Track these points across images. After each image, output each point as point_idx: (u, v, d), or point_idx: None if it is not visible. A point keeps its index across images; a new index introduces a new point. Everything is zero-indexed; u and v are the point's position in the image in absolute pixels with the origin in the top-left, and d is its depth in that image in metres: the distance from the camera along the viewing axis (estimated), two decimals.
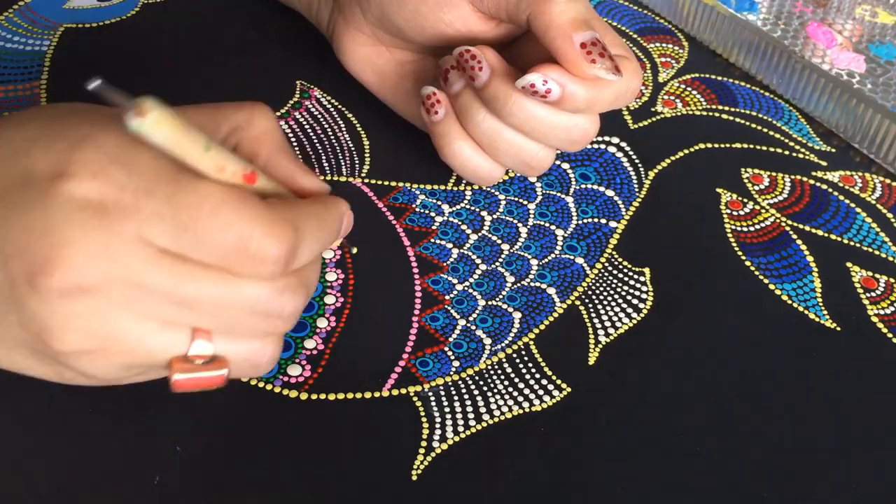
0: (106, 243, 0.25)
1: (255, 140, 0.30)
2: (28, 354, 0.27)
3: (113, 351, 0.26)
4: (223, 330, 0.27)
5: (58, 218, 0.24)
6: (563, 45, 0.33)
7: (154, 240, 0.25)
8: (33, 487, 0.29)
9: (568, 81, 0.34)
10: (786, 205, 0.43)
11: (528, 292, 0.37)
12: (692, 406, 0.34)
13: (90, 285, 0.25)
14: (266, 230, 0.26)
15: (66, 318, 0.25)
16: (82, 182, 0.25)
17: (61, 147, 0.25)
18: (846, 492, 0.32)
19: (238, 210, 0.25)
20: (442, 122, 0.38)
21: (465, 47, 0.36)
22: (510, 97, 0.35)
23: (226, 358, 0.28)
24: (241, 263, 0.26)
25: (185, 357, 0.27)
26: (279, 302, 0.27)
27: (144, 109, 0.23)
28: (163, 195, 0.25)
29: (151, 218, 0.25)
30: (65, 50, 0.45)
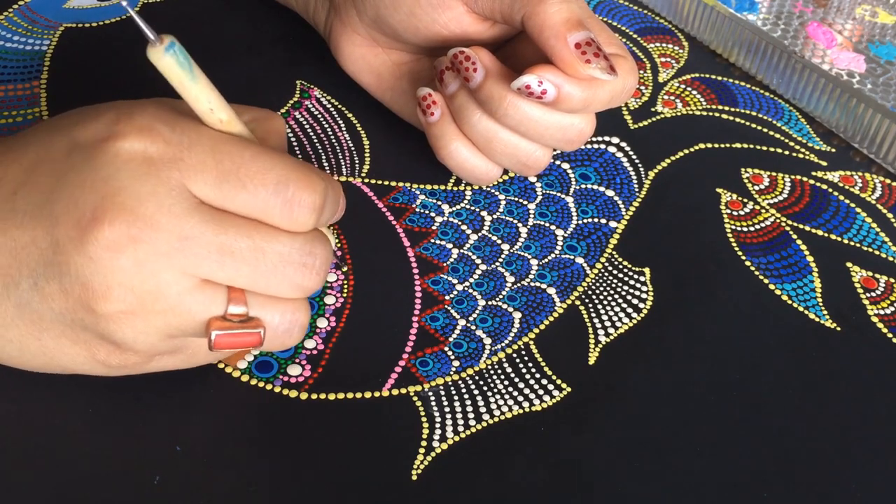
0: (154, 190, 0.26)
1: (267, 132, 0.32)
2: (63, 332, 0.27)
3: (154, 309, 0.27)
4: (260, 284, 0.28)
5: (107, 171, 0.26)
6: (557, 46, 0.34)
7: (197, 190, 0.27)
8: (33, 487, 0.29)
9: (563, 82, 0.34)
10: (786, 205, 0.43)
11: (528, 292, 0.37)
12: (692, 406, 0.34)
13: (138, 233, 0.26)
14: (300, 176, 0.28)
15: (110, 272, 0.26)
16: (128, 138, 0.26)
17: (106, 118, 0.27)
18: (846, 492, 0.32)
19: (274, 158, 0.28)
20: (438, 123, 0.38)
21: (460, 48, 0.36)
22: (505, 98, 0.35)
23: (261, 319, 0.29)
24: (279, 209, 0.27)
25: (223, 316, 0.28)
26: (311, 250, 0.29)
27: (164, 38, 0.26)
28: (205, 146, 0.27)
29: (196, 167, 0.27)
30: (65, 50, 0.45)
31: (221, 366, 0.33)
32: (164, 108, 0.28)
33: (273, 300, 0.29)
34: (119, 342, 0.27)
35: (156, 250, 0.26)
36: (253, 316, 0.28)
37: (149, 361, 0.29)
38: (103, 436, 0.30)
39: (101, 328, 0.27)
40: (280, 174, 0.27)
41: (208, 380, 0.32)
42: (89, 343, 0.28)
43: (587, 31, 0.34)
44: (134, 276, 0.26)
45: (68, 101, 0.42)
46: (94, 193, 0.26)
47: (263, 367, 0.33)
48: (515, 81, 0.34)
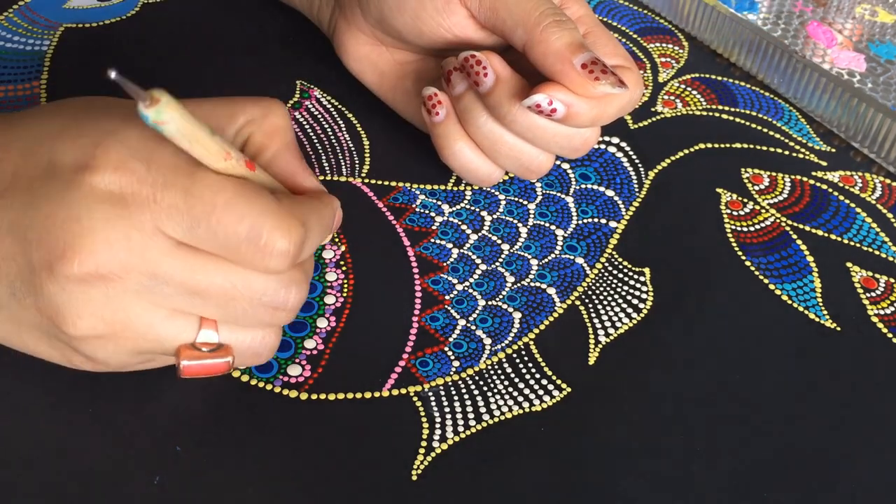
0: (125, 234, 0.26)
1: (267, 134, 0.31)
2: (40, 338, 0.28)
3: (123, 337, 0.27)
4: (230, 320, 0.29)
5: (80, 208, 0.26)
6: (564, 69, 0.34)
7: (170, 232, 0.26)
8: (33, 487, 0.29)
9: (573, 100, 0.34)
10: (786, 205, 0.43)
11: (528, 292, 0.37)
12: (692, 406, 0.34)
13: (108, 273, 0.26)
14: (276, 223, 0.27)
15: (81, 303, 0.26)
16: (104, 175, 0.26)
17: (85, 142, 0.26)
18: (846, 492, 0.32)
19: (251, 203, 0.27)
20: (443, 123, 0.38)
21: (471, 52, 0.36)
22: (514, 105, 0.35)
23: (230, 346, 0.29)
24: (251, 255, 0.27)
25: (193, 345, 0.28)
26: (285, 294, 0.29)
27: (156, 98, 0.24)
28: (180, 188, 0.26)
29: (168, 210, 0.26)
30: (65, 50, 0.45)
31: None
32: (144, 138, 0.27)
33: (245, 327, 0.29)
34: (91, 358, 0.28)
35: (125, 288, 0.26)
36: (223, 343, 0.29)
37: (122, 368, 0.30)
38: (103, 436, 0.30)
39: (74, 346, 0.27)
40: (254, 222, 0.26)
41: (208, 380, 0.32)
42: (64, 350, 0.28)
43: (590, 52, 0.34)
44: (104, 308, 0.26)
45: None
46: (65, 231, 0.25)
47: (263, 367, 0.33)
48: (525, 100, 0.34)
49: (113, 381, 0.31)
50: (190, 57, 0.46)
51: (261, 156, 0.31)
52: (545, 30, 0.34)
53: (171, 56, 0.45)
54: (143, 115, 0.24)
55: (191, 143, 0.26)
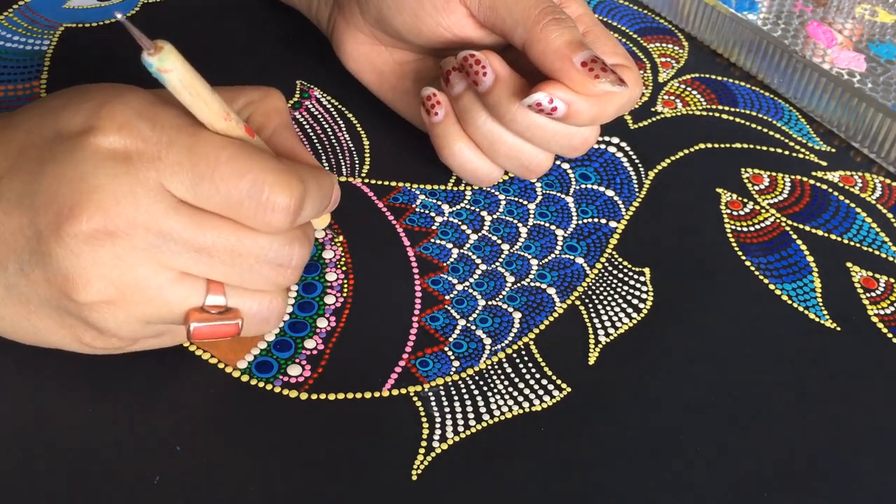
0: (131, 190, 0.26)
1: (266, 114, 0.32)
2: (50, 315, 0.28)
3: (133, 301, 0.27)
4: (236, 279, 0.29)
5: (86, 167, 0.26)
6: (564, 67, 0.34)
7: (174, 189, 0.27)
8: (33, 487, 0.29)
9: (574, 99, 0.34)
10: (786, 205, 0.43)
11: (528, 292, 0.37)
12: (692, 406, 0.34)
13: (115, 229, 0.26)
14: (277, 179, 0.27)
15: (90, 265, 0.26)
16: (109, 134, 0.26)
17: (89, 107, 0.27)
18: (846, 492, 0.32)
19: (251, 160, 0.27)
20: (442, 123, 0.38)
21: (470, 52, 0.36)
22: (514, 104, 0.35)
23: (239, 310, 0.29)
24: (253, 211, 0.27)
25: (202, 308, 0.28)
26: (289, 251, 0.29)
27: (160, 46, 0.25)
28: (183, 146, 0.27)
29: (172, 167, 0.26)
30: (65, 50, 0.45)
31: (221, 366, 0.33)
32: (150, 100, 0.27)
33: (251, 290, 0.30)
34: (102, 329, 0.28)
35: (133, 246, 0.27)
36: (231, 306, 0.29)
37: (132, 344, 0.30)
38: (103, 436, 0.30)
39: (84, 315, 0.27)
40: (256, 177, 0.27)
41: (208, 380, 0.32)
42: (74, 327, 0.28)
43: (589, 51, 0.34)
44: (112, 269, 0.27)
45: None
46: (72, 189, 0.26)
47: (263, 367, 0.33)
48: (526, 99, 0.34)
49: (113, 380, 0.31)
50: (190, 57, 0.45)
51: (260, 134, 0.32)
52: (545, 28, 0.34)
53: None
54: (147, 62, 0.25)
55: (192, 96, 0.26)
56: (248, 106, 0.32)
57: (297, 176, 0.28)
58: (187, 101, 0.26)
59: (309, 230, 0.31)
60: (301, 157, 0.32)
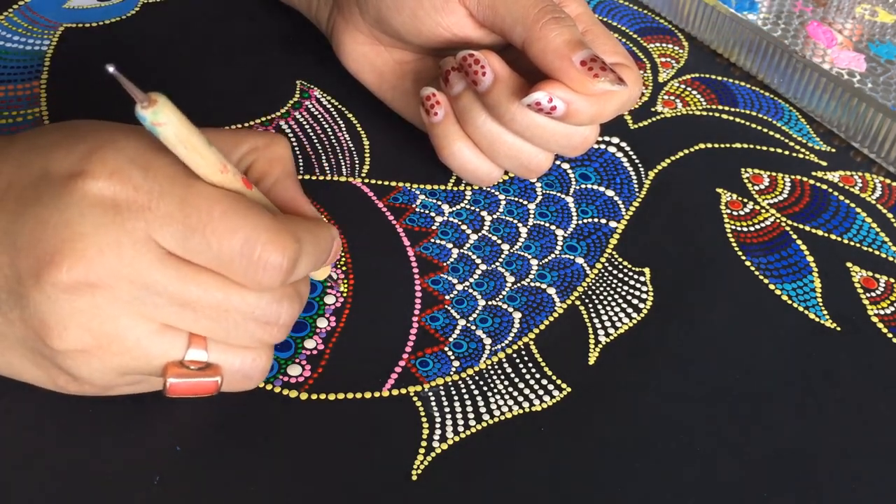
0: (117, 240, 0.25)
1: (270, 162, 0.31)
2: (24, 355, 0.27)
3: (110, 351, 0.26)
4: (220, 335, 0.28)
5: (71, 213, 0.25)
6: (563, 66, 0.34)
7: (162, 241, 0.26)
8: (33, 487, 0.29)
9: (573, 98, 0.34)
10: (786, 205, 0.43)
11: (528, 292, 0.37)
12: (692, 406, 0.34)
13: (97, 281, 0.25)
14: (270, 238, 0.26)
15: (68, 314, 0.25)
16: (98, 180, 0.25)
17: (81, 150, 0.26)
18: (846, 492, 0.32)
19: (246, 217, 0.26)
20: (441, 123, 0.38)
21: (469, 51, 0.36)
22: (513, 104, 0.35)
23: (219, 366, 0.28)
24: (244, 269, 0.26)
25: (181, 362, 0.28)
26: (277, 309, 0.28)
27: (154, 99, 0.24)
28: (176, 197, 0.26)
29: (163, 219, 0.25)
30: (65, 50, 0.45)
31: None
32: (145, 146, 0.26)
33: (235, 346, 0.29)
34: (75, 376, 0.27)
35: (114, 297, 0.26)
36: (212, 362, 0.28)
37: (106, 391, 0.29)
38: (103, 436, 0.30)
39: (58, 362, 0.27)
40: (249, 235, 0.26)
41: None
42: (48, 369, 0.27)
43: (589, 50, 0.34)
44: (91, 319, 0.26)
45: (68, 101, 0.42)
46: (56, 235, 0.25)
47: None
48: (525, 98, 0.34)
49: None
50: (190, 57, 0.46)
51: (262, 182, 0.31)
52: (544, 27, 0.34)
53: (171, 56, 0.45)
54: (141, 115, 0.24)
55: (187, 149, 0.25)
56: (251, 152, 0.31)
57: (291, 234, 0.27)
58: (182, 154, 0.25)
59: (301, 287, 0.30)
60: (302, 208, 0.31)
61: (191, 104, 0.43)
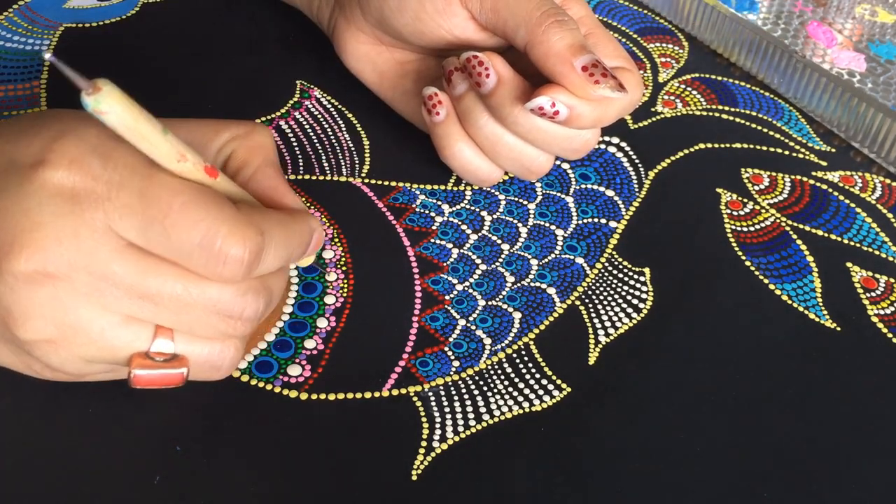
0: (75, 231, 0.25)
1: (250, 150, 0.31)
2: (1, 343, 0.27)
3: (75, 342, 0.26)
4: (184, 328, 0.28)
5: (30, 202, 0.25)
6: (564, 71, 0.34)
7: (122, 232, 0.26)
8: (33, 487, 0.29)
9: (576, 103, 0.34)
10: (786, 205, 0.43)
11: (528, 292, 0.37)
12: (692, 406, 0.34)
13: (55, 271, 0.25)
14: (231, 230, 0.26)
15: (30, 304, 0.25)
16: (58, 169, 0.25)
17: (44, 137, 0.26)
18: (847, 492, 0.32)
19: (207, 208, 0.26)
20: (443, 123, 0.38)
21: (473, 53, 0.36)
22: (516, 107, 0.35)
23: (186, 357, 0.28)
24: (205, 262, 0.26)
25: (147, 353, 0.27)
26: (241, 304, 0.28)
27: (98, 87, 0.23)
28: (135, 188, 0.25)
29: (121, 209, 0.25)
30: (65, 50, 0.45)
31: None
32: (105, 134, 0.26)
33: (202, 337, 0.28)
34: (46, 364, 0.27)
35: (74, 288, 0.26)
36: (178, 353, 0.28)
37: (82, 378, 0.29)
38: (103, 436, 0.30)
39: (27, 350, 0.27)
40: (209, 227, 0.26)
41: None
42: (22, 357, 0.28)
43: (591, 54, 0.34)
44: (52, 310, 0.26)
45: (68, 101, 0.42)
46: (15, 225, 0.25)
47: (263, 367, 0.33)
48: (528, 103, 0.34)
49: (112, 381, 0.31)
50: (190, 57, 0.46)
51: (243, 171, 0.31)
52: (547, 30, 0.34)
53: (171, 56, 0.45)
54: (85, 102, 0.23)
55: (136, 138, 0.25)
56: (232, 141, 0.31)
57: (255, 226, 0.27)
58: (133, 142, 0.25)
59: (272, 280, 0.29)
60: (283, 197, 0.31)
61: (191, 104, 0.43)
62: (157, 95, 0.43)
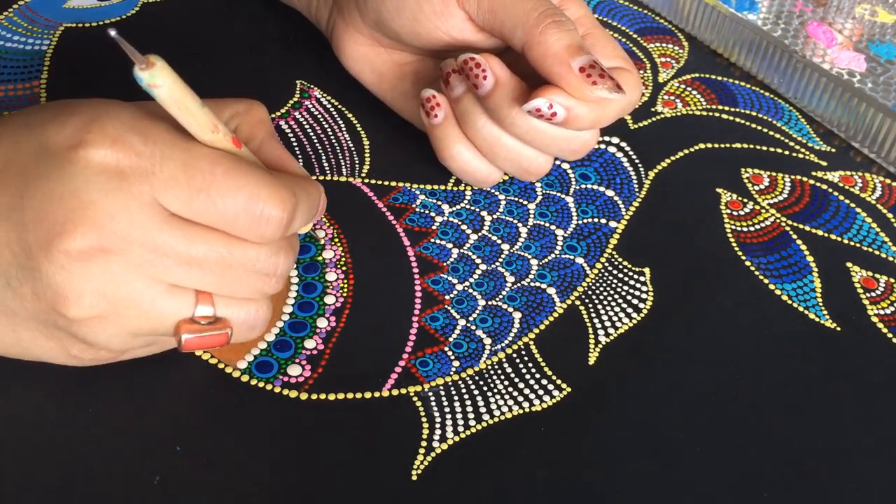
0: (125, 205, 0.26)
1: (252, 125, 0.32)
2: (37, 328, 0.28)
3: (124, 315, 0.27)
4: (225, 290, 0.29)
5: (78, 182, 0.26)
6: (562, 72, 0.34)
7: (168, 204, 0.27)
8: (33, 488, 0.29)
9: (573, 104, 0.34)
10: (786, 205, 0.43)
11: (528, 292, 0.37)
12: (692, 406, 0.34)
13: (110, 246, 0.26)
14: (270, 193, 0.28)
15: (83, 281, 0.26)
16: (101, 148, 0.26)
17: (77, 121, 0.27)
18: (846, 492, 0.32)
19: (246, 175, 0.27)
20: (441, 125, 0.38)
21: (470, 55, 0.36)
22: (513, 109, 0.35)
23: (227, 319, 0.30)
24: (248, 224, 0.28)
25: (192, 319, 0.29)
26: (275, 261, 0.30)
27: (152, 62, 0.25)
28: (178, 160, 0.27)
29: (168, 181, 0.26)
30: (65, 49, 0.45)
31: (221, 366, 0.33)
32: (139, 115, 0.27)
33: (238, 299, 0.30)
34: (91, 343, 0.28)
35: (127, 261, 0.26)
36: (220, 316, 0.29)
37: (121, 355, 0.30)
38: (103, 436, 0.30)
39: (73, 330, 0.27)
40: (251, 192, 0.27)
41: (208, 380, 0.32)
42: (62, 340, 0.28)
43: (589, 55, 0.34)
44: (106, 284, 0.26)
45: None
46: (64, 206, 0.26)
47: (263, 367, 0.33)
48: (526, 105, 0.34)
49: (113, 380, 0.31)
50: (190, 57, 0.46)
51: (249, 144, 0.32)
52: (544, 31, 0.34)
53: (171, 56, 0.45)
54: (139, 76, 0.25)
55: (181, 110, 0.26)
56: (234, 118, 0.32)
57: (289, 189, 0.28)
58: (176, 114, 0.26)
59: (294, 240, 0.32)
60: (289, 166, 0.32)
61: None
62: None
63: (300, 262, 0.37)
